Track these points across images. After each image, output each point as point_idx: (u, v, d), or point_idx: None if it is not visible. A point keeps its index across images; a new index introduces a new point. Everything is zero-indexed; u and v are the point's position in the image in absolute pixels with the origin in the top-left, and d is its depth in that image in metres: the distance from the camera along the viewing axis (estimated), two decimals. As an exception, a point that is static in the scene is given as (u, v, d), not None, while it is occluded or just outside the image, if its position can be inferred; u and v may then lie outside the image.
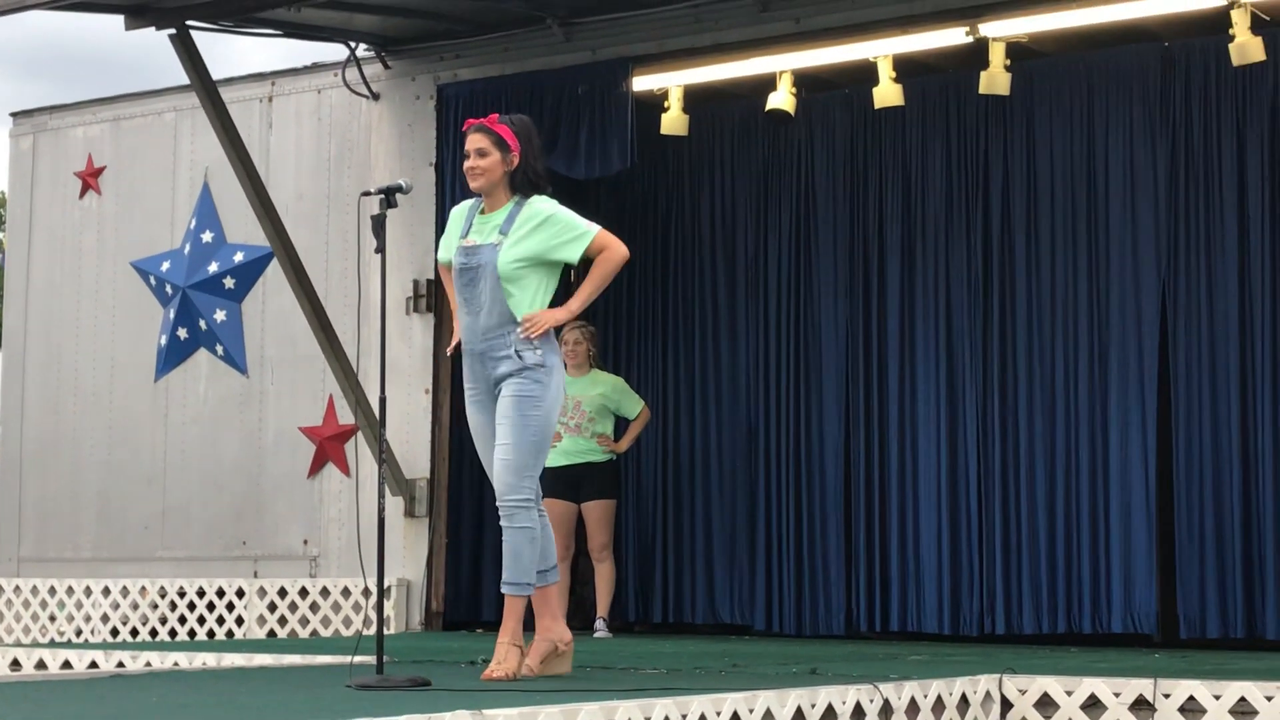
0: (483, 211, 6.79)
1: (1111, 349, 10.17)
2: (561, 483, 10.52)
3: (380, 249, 6.44)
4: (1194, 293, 10.00)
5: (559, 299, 6.83)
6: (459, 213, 6.89)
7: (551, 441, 6.57)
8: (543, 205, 6.72)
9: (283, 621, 11.64)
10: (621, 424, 10.84)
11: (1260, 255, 9.82)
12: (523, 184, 6.75)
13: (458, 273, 6.72)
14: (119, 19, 10.45)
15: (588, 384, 10.67)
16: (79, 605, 12.40)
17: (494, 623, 8.90)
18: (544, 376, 6.60)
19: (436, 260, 6.98)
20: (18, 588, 12.73)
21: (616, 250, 6.77)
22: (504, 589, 6.62)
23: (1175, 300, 10.04)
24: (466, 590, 11.33)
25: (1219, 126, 10.01)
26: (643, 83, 10.70)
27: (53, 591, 12.53)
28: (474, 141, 6.74)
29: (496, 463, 6.60)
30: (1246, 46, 9.31)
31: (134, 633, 12.11)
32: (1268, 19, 9.43)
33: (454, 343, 6.81)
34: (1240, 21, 9.28)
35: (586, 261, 6.84)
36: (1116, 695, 6.45)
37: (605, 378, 10.83)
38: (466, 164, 6.74)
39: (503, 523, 6.60)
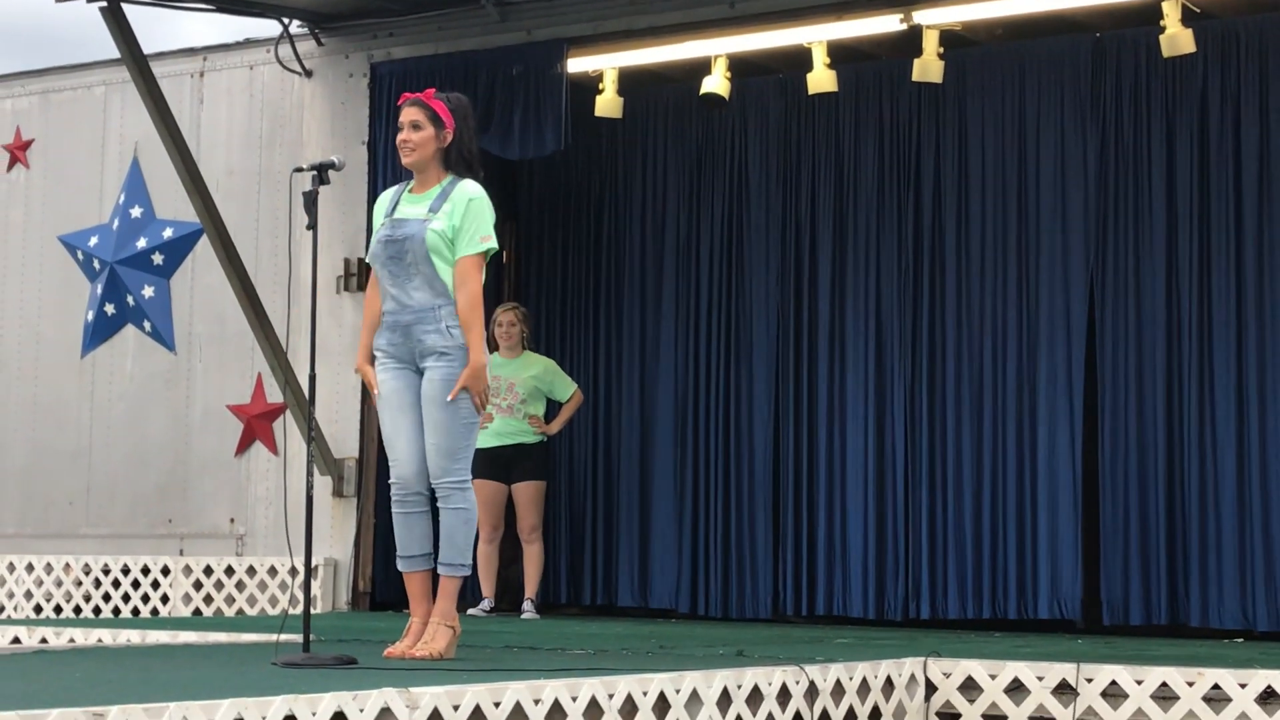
0: (411, 190, 6.73)
1: (1040, 336, 10.24)
2: (492, 464, 10.52)
3: (312, 226, 6.40)
4: (1122, 282, 10.09)
5: (489, 286, 6.74)
6: (384, 197, 6.82)
7: (481, 422, 6.53)
8: (471, 190, 6.63)
9: (208, 600, 11.58)
10: (553, 406, 10.84)
11: (1188, 246, 9.90)
12: (457, 163, 6.68)
13: (383, 244, 6.62)
14: (50, -9, 10.35)
15: (521, 366, 10.67)
16: (1, 581, 12.29)
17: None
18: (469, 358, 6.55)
19: (368, 253, 6.87)
20: (-60, 564, 12.62)
21: (476, 287, 6.52)
22: (440, 570, 6.59)
23: (1103, 289, 10.12)
24: (394, 571, 11.22)
25: (1149, 118, 10.09)
26: (577, 64, 10.69)
27: (-25, 568, 12.43)
28: (408, 114, 6.66)
29: (429, 448, 6.55)
30: (1177, 38, 9.38)
31: (58, 610, 12.03)
32: (1198, 11, 9.52)
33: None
34: (1171, 13, 9.35)
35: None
36: (1040, 679, 6.50)
37: (538, 360, 10.83)
38: (400, 137, 6.67)
39: (439, 505, 6.56)
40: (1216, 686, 6.19)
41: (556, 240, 11.84)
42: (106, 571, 11.94)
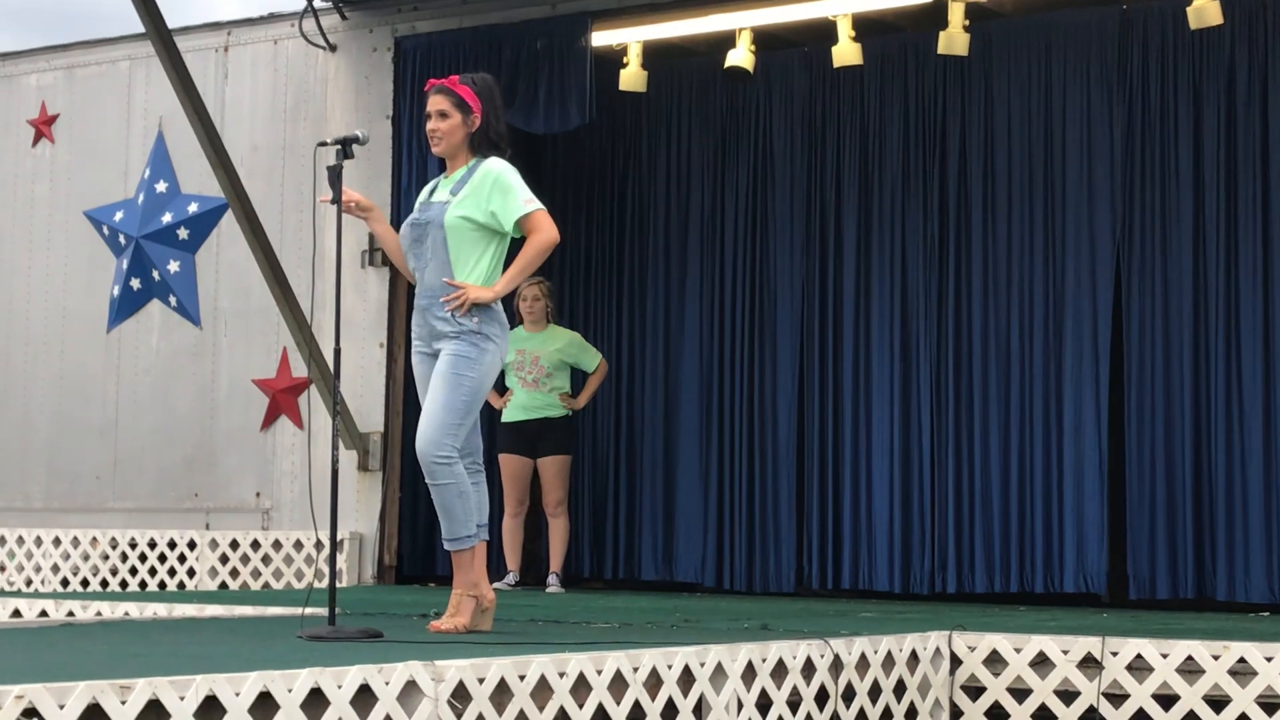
0: (445, 174, 6.76)
1: (1066, 310, 10.22)
2: (518, 438, 10.53)
3: (336, 200, 6.40)
4: (1149, 255, 10.05)
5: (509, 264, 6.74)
6: (426, 188, 6.86)
7: (505, 399, 6.60)
8: (494, 166, 6.63)
9: (234, 574, 11.62)
10: (578, 379, 10.85)
11: (1215, 220, 9.86)
12: (482, 144, 6.68)
13: (409, 227, 6.67)
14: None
15: (546, 339, 10.67)
16: (29, 555, 12.35)
17: (446, 577, 8.91)
18: (480, 342, 6.52)
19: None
20: (-33, 538, 12.68)
21: (547, 234, 6.58)
22: (447, 546, 6.60)
23: (1130, 262, 10.08)
24: (420, 544, 11.33)
25: (1176, 90, 10.04)
26: (602, 38, 10.67)
27: (2, 541, 12.48)
28: (435, 103, 6.66)
29: (423, 417, 6.56)
30: (1204, 10, 9.33)
31: (84, 583, 12.08)
32: (1226, -17, 9.46)
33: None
34: (1199, -15, 9.31)
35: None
36: (1065, 653, 6.49)
37: (563, 333, 10.83)
38: (428, 126, 6.68)
39: (426, 481, 6.56)
40: (1242, 660, 6.17)
41: (580, 214, 11.83)
42: (133, 545, 11.98)
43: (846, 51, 10.23)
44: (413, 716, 4.56)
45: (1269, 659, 6.13)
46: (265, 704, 4.21)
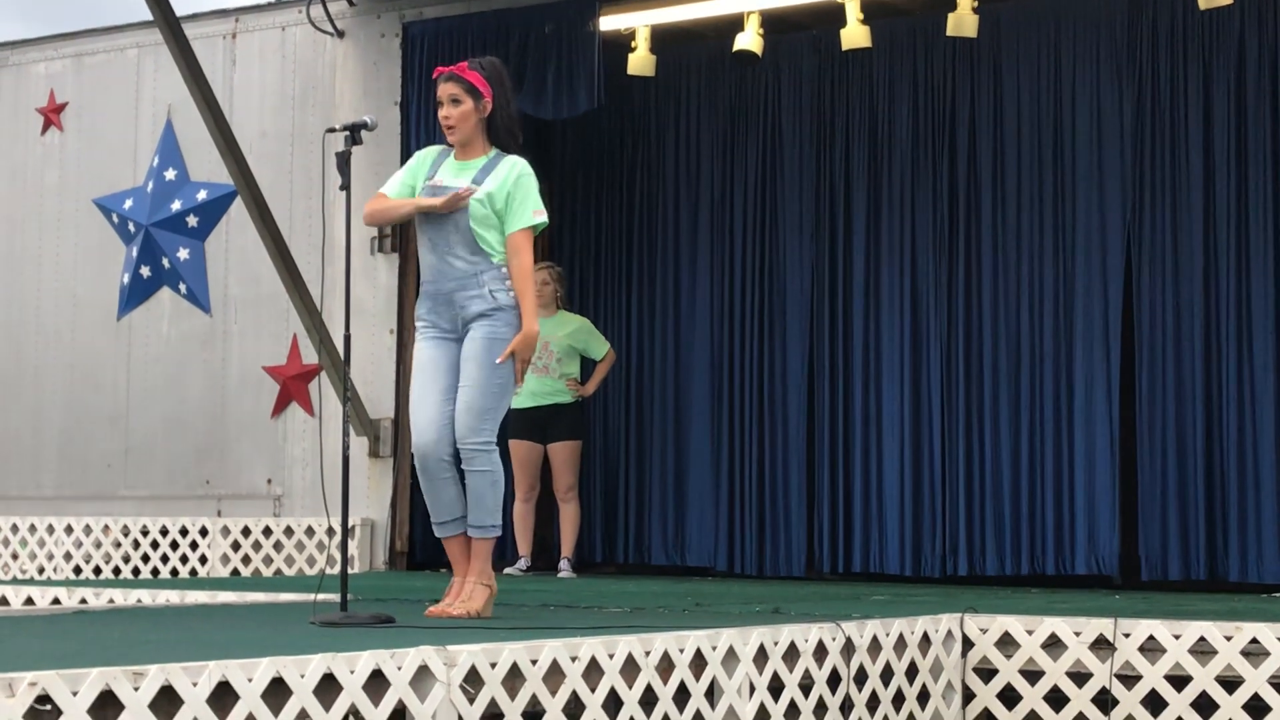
0: (455, 157, 6.72)
1: (1077, 291, 10.20)
2: (528, 424, 10.53)
3: (345, 186, 6.39)
4: (1159, 237, 10.03)
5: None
6: (426, 155, 6.80)
7: (516, 387, 6.55)
8: (519, 164, 6.63)
9: (246, 560, 11.63)
10: (587, 365, 10.85)
11: (1225, 200, 9.84)
12: (500, 132, 6.67)
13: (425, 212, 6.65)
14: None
15: (555, 325, 10.66)
16: (41, 543, 12.37)
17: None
18: (515, 319, 6.55)
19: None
20: (-20, 526, 12.70)
21: (528, 257, 6.56)
22: (471, 533, 6.60)
23: (1140, 244, 10.06)
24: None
25: (1185, 70, 10.02)
26: (610, 22, 10.66)
27: (15, 529, 12.50)
28: (445, 90, 6.64)
29: (460, 405, 6.53)
30: (1214, -10, 9.30)
31: (97, 571, 12.10)
32: (1235, -38, 9.43)
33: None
34: (1208, -36, 9.28)
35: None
36: (1077, 634, 6.49)
37: (573, 319, 10.83)
38: (441, 113, 6.66)
39: (464, 466, 6.55)
40: (1254, 640, 6.17)
41: (590, 199, 11.82)
42: (145, 533, 12.00)
43: (855, 34, 10.22)
44: (425, 701, 4.57)
45: (1281, 639, 6.12)
46: (278, 689, 4.22)
